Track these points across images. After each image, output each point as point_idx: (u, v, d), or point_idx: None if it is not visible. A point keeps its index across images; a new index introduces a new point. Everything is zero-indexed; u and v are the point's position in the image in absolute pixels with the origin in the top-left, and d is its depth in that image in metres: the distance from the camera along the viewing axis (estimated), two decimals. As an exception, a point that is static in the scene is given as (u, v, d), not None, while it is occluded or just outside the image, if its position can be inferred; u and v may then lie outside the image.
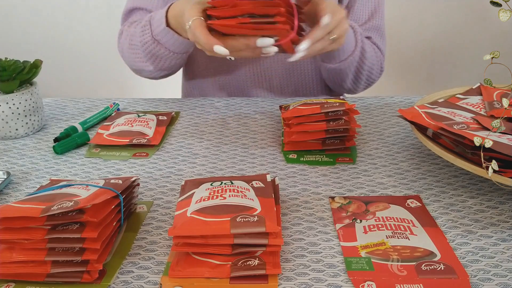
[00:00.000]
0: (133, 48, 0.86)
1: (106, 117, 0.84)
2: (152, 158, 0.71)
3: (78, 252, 0.45)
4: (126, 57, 0.91)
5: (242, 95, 0.96)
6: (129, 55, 0.88)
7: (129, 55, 0.88)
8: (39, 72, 0.79)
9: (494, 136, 0.58)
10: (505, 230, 0.53)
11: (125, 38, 0.89)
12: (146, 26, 0.81)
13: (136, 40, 0.84)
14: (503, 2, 0.53)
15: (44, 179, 0.66)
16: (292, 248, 0.50)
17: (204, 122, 0.83)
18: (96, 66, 2.16)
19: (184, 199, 0.53)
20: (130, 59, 0.89)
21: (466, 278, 0.45)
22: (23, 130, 0.78)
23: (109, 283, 0.46)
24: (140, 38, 0.83)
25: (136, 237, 0.53)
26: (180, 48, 0.81)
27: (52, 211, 0.44)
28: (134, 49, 0.86)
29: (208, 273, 0.46)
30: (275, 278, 0.46)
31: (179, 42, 0.79)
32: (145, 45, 0.82)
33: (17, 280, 0.46)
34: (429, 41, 2.02)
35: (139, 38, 0.83)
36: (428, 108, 0.70)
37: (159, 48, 0.81)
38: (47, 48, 2.09)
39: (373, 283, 0.44)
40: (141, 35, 0.82)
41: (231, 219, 0.47)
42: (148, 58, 0.84)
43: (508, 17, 0.52)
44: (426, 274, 0.45)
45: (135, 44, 0.85)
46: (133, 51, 0.87)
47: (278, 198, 0.57)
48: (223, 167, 0.68)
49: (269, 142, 0.75)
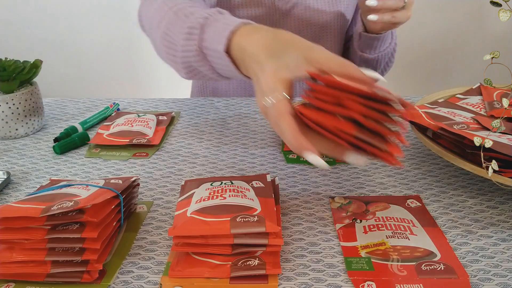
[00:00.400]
0: (168, 42, 0.65)
1: (106, 117, 0.84)
2: (152, 158, 0.71)
3: (78, 252, 0.45)
4: (155, 41, 0.71)
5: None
6: (161, 46, 0.68)
7: (160, 45, 0.68)
8: (39, 72, 0.79)
9: (494, 136, 0.58)
10: (505, 230, 0.53)
11: (157, 13, 0.69)
12: (194, 29, 0.60)
13: (175, 36, 0.63)
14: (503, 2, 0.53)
15: (44, 179, 0.66)
16: (292, 248, 0.50)
17: (204, 122, 0.83)
18: (96, 66, 2.16)
19: (184, 199, 0.53)
20: (159, 48, 0.70)
21: (466, 278, 0.45)
22: (23, 130, 0.78)
23: (109, 283, 0.46)
24: (183, 42, 0.61)
25: (136, 237, 0.53)
26: (229, 74, 0.60)
27: (52, 211, 0.44)
28: (170, 46, 0.65)
29: (208, 273, 0.46)
30: (275, 278, 0.46)
31: (232, 72, 0.58)
32: (186, 53, 0.61)
33: (17, 280, 0.46)
34: (429, 41, 2.02)
35: (180, 38, 0.62)
36: (428, 108, 0.70)
37: (203, 64, 0.61)
38: (47, 48, 2.09)
39: (373, 283, 0.44)
40: (184, 37, 0.61)
41: (231, 219, 0.47)
42: (185, 67, 0.64)
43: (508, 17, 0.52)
44: (426, 274, 0.45)
45: (172, 41, 0.64)
46: (167, 46, 0.66)
47: (278, 198, 0.57)
48: (223, 167, 0.68)
49: (269, 142, 0.75)
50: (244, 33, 0.55)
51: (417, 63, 2.06)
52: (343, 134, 0.45)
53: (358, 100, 0.44)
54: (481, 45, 2.01)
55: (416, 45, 1.96)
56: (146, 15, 0.74)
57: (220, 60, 0.57)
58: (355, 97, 0.45)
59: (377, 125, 0.44)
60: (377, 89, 0.45)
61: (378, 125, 0.44)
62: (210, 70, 0.61)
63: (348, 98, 0.45)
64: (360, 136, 0.44)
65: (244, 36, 0.54)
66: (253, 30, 0.54)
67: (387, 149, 0.45)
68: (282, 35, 0.52)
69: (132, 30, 2.11)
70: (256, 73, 0.51)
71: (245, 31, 0.55)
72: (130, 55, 2.16)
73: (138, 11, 0.78)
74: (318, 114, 0.46)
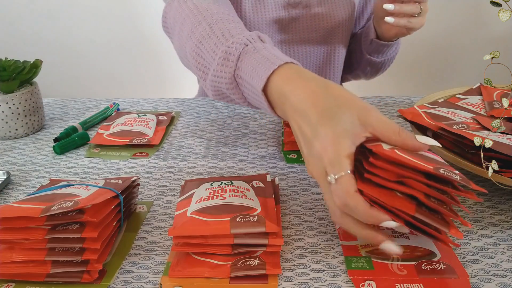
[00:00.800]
0: (199, 57, 0.60)
1: (106, 117, 0.84)
2: (152, 158, 0.71)
3: (78, 252, 0.45)
4: (183, 48, 0.66)
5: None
6: (190, 58, 0.63)
7: (190, 57, 0.63)
8: (39, 72, 0.79)
9: (494, 136, 0.58)
10: (505, 230, 0.53)
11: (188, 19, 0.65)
12: (230, 55, 0.55)
13: (208, 55, 0.59)
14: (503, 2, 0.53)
15: (44, 179, 0.66)
16: (292, 248, 0.50)
17: (204, 122, 0.83)
18: (96, 66, 2.16)
19: (184, 199, 0.53)
20: (187, 59, 0.65)
21: (466, 278, 0.45)
22: (23, 130, 0.78)
23: (109, 283, 0.46)
24: (216, 67, 0.56)
25: (136, 237, 0.53)
26: (261, 107, 0.55)
27: (52, 211, 0.44)
28: (201, 62, 0.60)
29: (208, 273, 0.46)
30: (275, 278, 0.46)
31: (264, 109, 0.53)
32: (218, 78, 0.57)
33: (17, 280, 0.46)
34: (429, 41, 2.02)
35: (213, 60, 0.57)
36: (428, 108, 0.70)
37: (234, 92, 0.56)
38: (47, 48, 2.09)
39: (373, 282, 0.44)
40: (219, 62, 0.56)
41: (231, 219, 0.47)
42: (214, 90, 0.59)
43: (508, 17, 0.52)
44: (426, 274, 0.45)
45: (204, 58, 0.60)
46: (198, 62, 0.61)
47: (278, 198, 0.57)
48: (223, 167, 0.68)
49: (269, 142, 0.75)
50: (286, 77, 0.49)
51: (417, 63, 2.06)
52: (402, 213, 0.43)
53: (421, 179, 0.42)
54: (481, 45, 2.01)
55: (416, 45, 1.95)
56: (175, 17, 0.69)
57: (254, 96, 0.53)
58: (418, 175, 0.42)
59: (438, 205, 0.42)
60: (442, 167, 0.43)
61: (439, 205, 0.43)
62: (241, 98, 0.56)
63: (410, 175, 0.42)
64: (419, 217, 0.42)
65: (286, 80, 0.49)
66: (297, 75, 0.49)
67: (447, 232, 0.43)
68: (332, 90, 0.46)
69: (132, 30, 2.11)
70: (305, 133, 0.46)
71: (288, 75, 0.49)
72: (130, 55, 2.16)
73: (163, 11, 0.74)
74: (378, 192, 0.43)
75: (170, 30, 0.72)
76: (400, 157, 0.42)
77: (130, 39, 2.11)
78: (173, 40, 0.71)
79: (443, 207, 0.43)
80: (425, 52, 2.05)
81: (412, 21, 0.79)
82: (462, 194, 0.43)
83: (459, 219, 0.43)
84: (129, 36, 2.11)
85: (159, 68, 2.20)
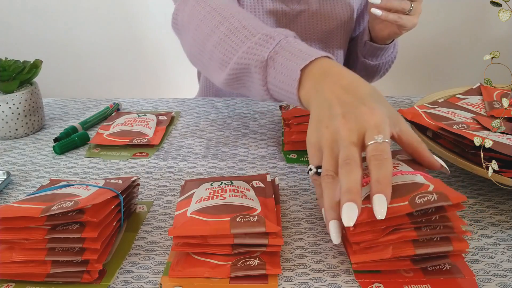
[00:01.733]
0: (223, 49, 0.62)
1: (106, 117, 0.84)
2: (152, 158, 0.71)
3: (78, 252, 0.45)
4: (195, 44, 0.68)
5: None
6: (210, 52, 0.65)
7: (209, 51, 0.65)
8: (39, 72, 0.79)
9: (494, 136, 0.58)
10: (505, 230, 0.53)
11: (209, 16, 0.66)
12: (270, 38, 0.57)
13: (233, 46, 0.61)
14: (503, 2, 0.53)
15: (44, 179, 0.66)
16: (292, 248, 0.50)
17: (204, 122, 0.83)
18: (96, 66, 2.16)
19: (184, 199, 0.53)
20: (204, 53, 0.67)
21: (472, 277, 0.45)
22: (23, 130, 0.78)
23: (109, 283, 0.46)
24: (250, 45, 0.58)
25: (136, 237, 0.53)
26: (280, 85, 0.56)
27: (52, 211, 0.44)
28: (225, 52, 0.62)
29: (208, 273, 0.46)
30: (275, 278, 0.46)
31: (287, 85, 0.55)
32: (247, 55, 0.58)
33: (17, 280, 0.46)
34: (429, 41, 2.02)
35: (243, 47, 0.59)
36: (428, 108, 0.70)
37: (257, 71, 0.57)
38: (47, 48, 2.09)
39: (380, 284, 0.44)
40: (256, 42, 0.58)
41: (231, 219, 0.47)
42: (232, 74, 0.62)
43: (508, 17, 0.52)
44: (433, 275, 0.45)
45: (232, 46, 0.61)
46: (221, 52, 0.63)
47: (278, 198, 0.57)
48: (223, 167, 0.68)
49: (269, 142, 0.75)
50: (332, 62, 0.53)
51: (417, 63, 2.06)
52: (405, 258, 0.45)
53: (404, 221, 0.44)
54: (481, 45, 2.01)
55: (416, 45, 1.95)
56: (191, 14, 0.70)
57: (283, 75, 0.54)
58: (400, 218, 0.44)
59: (432, 231, 0.44)
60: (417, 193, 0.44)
61: (433, 231, 0.44)
62: (259, 81, 0.57)
63: (392, 223, 0.44)
64: (421, 252, 0.44)
65: (333, 63, 0.53)
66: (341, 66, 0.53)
67: (450, 250, 0.44)
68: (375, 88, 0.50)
69: (132, 30, 2.11)
70: (345, 101, 0.47)
71: (334, 62, 0.53)
72: (131, 55, 2.16)
73: (175, 9, 0.75)
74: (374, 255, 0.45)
75: (182, 28, 0.73)
76: (372, 214, 0.43)
77: (130, 39, 2.11)
78: (185, 37, 0.72)
79: (437, 229, 0.44)
80: (425, 52, 2.05)
81: (403, 17, 0.78)
82: (447, 213, 0.44)
83: (456, 231, 0.44)
84: (129, 36, 2.11)
85: (159, 68, 2.20)
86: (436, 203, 0.43)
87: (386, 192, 0.42)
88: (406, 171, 0.49)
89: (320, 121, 0.49)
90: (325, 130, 0.47)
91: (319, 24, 0.90)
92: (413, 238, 0.44)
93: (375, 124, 0.45)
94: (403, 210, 0.43)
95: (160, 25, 2.10)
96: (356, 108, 0.46)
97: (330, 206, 0.44)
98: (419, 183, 0.46)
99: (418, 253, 0.44)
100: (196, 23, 0.68)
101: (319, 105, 0.50)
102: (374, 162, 0.43)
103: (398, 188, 0.45)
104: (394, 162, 0.51)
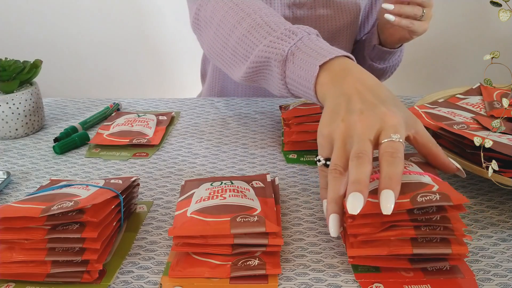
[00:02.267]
0: (244, 44, 0.64)
1: (106, 117, 0.84)
2: (152, 158, 0.71)
3: (78, 252, 0.45)
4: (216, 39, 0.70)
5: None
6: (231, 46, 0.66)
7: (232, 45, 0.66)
8: (39, 72, 0.79)
9: (494, 136, 0.58)
10: (505, 230, 0.53)
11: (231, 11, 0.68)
12: (292, 33, 0.59)
13: (254, 40, 0.62)
14: (503, 2, 0.53)
15: (44, 179, 0.66)
16: (292, 248, 0.50)
17: (204, 122, 0.83)
18: (96, 66, 2.16)
19: (184, 199, 0.53)
20: (223, 52, 0.69)
21: (472, 277, 0.45)
22: (23, 130, 0.78)
23: (109, 283, 0.46)
24: (272, 39, 0.60)
25: (136, 237, 0.53)
26: (297, 79, 0.57)
27: (52, 211, 0.44)
28: (245, 47, 0.63)
29: (208, 273, 0.46)
30: (275, 278, 0.46)
31: (305, 80, 0.55)
32: (269, 48, 0.60)
33: (17, 280, 0.46)
34: (429, 41, 2.02)
35: (264, 41, 0.61)
36: (428, 108, 0.70)
37: (276, 65, 0.59)
38: (47, 48, 2.09)
39: (381, 285, 0.44)
40: (278, 37, 0.59)
41: (231, 219, 0.47)
42: (253, 67, 0.63)
43: (508, 17, 0.52)
44: (433, 275, 0.45)
45: (252, 41, 0.62)
46: (243, 47, 0.64)
47: (278, 198, 0.57)
48: (223, 167, 0.68)
49: (269, 142, 0.75)
50: (353, 62, 0.54)
51: (417, 63, 2.06)
52: (402, 256, 0.45)
53: (404, 217, 0.44)
54: (481, 45, 2.01)
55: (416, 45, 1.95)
56: (213, 11, 0.71)
57: (302, 70, 0.55)
58: (399, 214, 0.44)
59: (431, 232, 0.44)
60: (419, 192, 0.44)
61: (432, 231, 0.44)
62: (278, 74, 0.58)
63: (391, 218, 0.44)
64: (419, 252, 0.44)
65: (353, 63, 0.54)
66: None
67: (449, 253, 0.44)
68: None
69: (132, 30, 2.11)
70: (366, 98, 0.48)
71: (354, 63, 0.54)
72: (131, 55, 2.16)
73: (196, 8, 0.75)
74: (371, 251, 0.45)
75: (204, 24, 0.74)
76: (374, 208, 0.43)
77: (131, 39, 2.11)
78: (206, 33, 0.73)
79: (437, 229, 0.44)
80: (425, 52, 2.05)
81: (414, 23, 0.79)
82: (448, 214, 0.44)
83: (456, 234, 0.44)
84: (129, 36, 2.11)
85: (159, 68, 2.20)
86: (437, 203, 0.43)
87: (395, 188, 0.42)
88: (414, 171, 0.48)
89: (336, 113, 0.49)
90: (340, 123, 0.47)
91: (325, 25, 0.90)
92: (411, 236, 0.44)
93: (393, 125, 0.46)
94: (403, 206, 0.43)
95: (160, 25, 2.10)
96: (375, 107, 0.47)
97: (333, 199, 0.45)
98: (425, 183, 0.46)
99: (416, 252, 0.44)
100: (219, 19, 0.69)
101: (336, 97, 0.50)
102: (387, 158, 0.44)
103: (402, 186, 0.45)
104: (405, 163, 0.51)
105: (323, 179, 0.50)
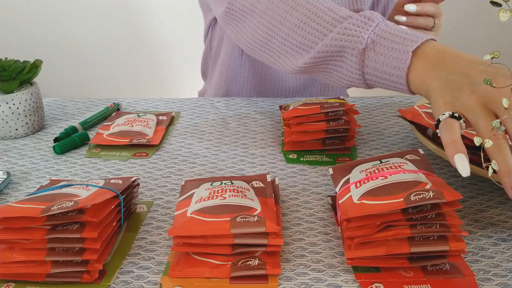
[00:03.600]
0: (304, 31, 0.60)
1: (106, 117, 0.84)
2: (152, 158, 0.71)
3: (78, 252, 0.45)
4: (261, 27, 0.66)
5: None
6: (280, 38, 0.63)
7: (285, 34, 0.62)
8: (39, 72, 0.79)
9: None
10: (505, 230, 0.53)
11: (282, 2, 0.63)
12: (368, 20, 0.55)
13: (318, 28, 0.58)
14: (503, 2, 0.53)
15: (44, 179, 0.66)
16: (292, 248, 0.50)
17: (204, 122, 0.83)
18: (96, 66, 2.16)
19: (184, 199, 0.53)
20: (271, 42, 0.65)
21: (472, 277, 0.45)
22: (23, 130, 0.78)
23: (109, 283, 0.46)
24: (346, 26, 0.56)
25: (136, 237, 0.53)
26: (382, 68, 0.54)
27: (52, 211, 0.44)
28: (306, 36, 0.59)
29: (208, 273, 0.46)
30: (275, 278, 0.46)
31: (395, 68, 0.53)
32: (342, 36, 0.56)
33: (17, 280, 0.46)
34: (429, 41, 2.02)
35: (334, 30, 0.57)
36: (428, 108, 0.69)
37: (353, 54, 0.56)
38: (47, 48, 2.09)
39: (380, 284, 0.44)
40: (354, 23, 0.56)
41: (231, 219, 0.47)
42: (320, 57, 0.59)
43: (508, 17, 0.52)
44: (433, 275, 0.45)
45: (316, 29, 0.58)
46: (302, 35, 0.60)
47: (278, 198, 0.57)
48: (223, 167, 0.68)
49: (269, 142, 0.75)
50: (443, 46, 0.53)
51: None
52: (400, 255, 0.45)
53: (399, 217, 0.44)
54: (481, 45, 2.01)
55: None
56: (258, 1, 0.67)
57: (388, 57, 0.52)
58: (394, 214, 0.44)
59: (428, 230, 0.44)
60: (413, 191, 0.45)
61: (428, 229, 0.44)
62: (354, 63, 0.55)
63: (386, 219, 0.44)
64: (416, 250, 0.44)
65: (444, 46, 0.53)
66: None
67: (447, 250, 0.44)
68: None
69: (132, 30, 2.11)
70: (471, 75, 0.48)
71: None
72: (131, 55, 2.16)
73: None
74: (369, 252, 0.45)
75: (242, 13, 0.70)
76: (368, 209, 0.44)
77: (130, 39, 2.11)
78: (245, 23, 0.69)
79: (433, 227, 0.44)
80: (425, 52, 2.05)
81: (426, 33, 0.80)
82: (442, 211, 0.44)
83: (452, 231, 0.44)
84: (129, 36, 2.11)
85: (159, 68, 2.20)
86: (430, 200, 0.43)
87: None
88: (408, 170, 0.49)
89: (459, 89, 0.48)
90: (472, 95, 0.47)
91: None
92: (408, 235, 0.44)
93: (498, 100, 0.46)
94: (397, 206, 0.44)
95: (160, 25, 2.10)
96: (497, 76, 0.47)
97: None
98: (418, 181, 0.46)
99: (413, 251, 0.44)
100: (265, 6, 0.65)
101: (446, 78, 0.49)
102: None
103: (396, 186, 0.45)
104: (400, 161, 0.51)
105: (449, 132, 0.47)
